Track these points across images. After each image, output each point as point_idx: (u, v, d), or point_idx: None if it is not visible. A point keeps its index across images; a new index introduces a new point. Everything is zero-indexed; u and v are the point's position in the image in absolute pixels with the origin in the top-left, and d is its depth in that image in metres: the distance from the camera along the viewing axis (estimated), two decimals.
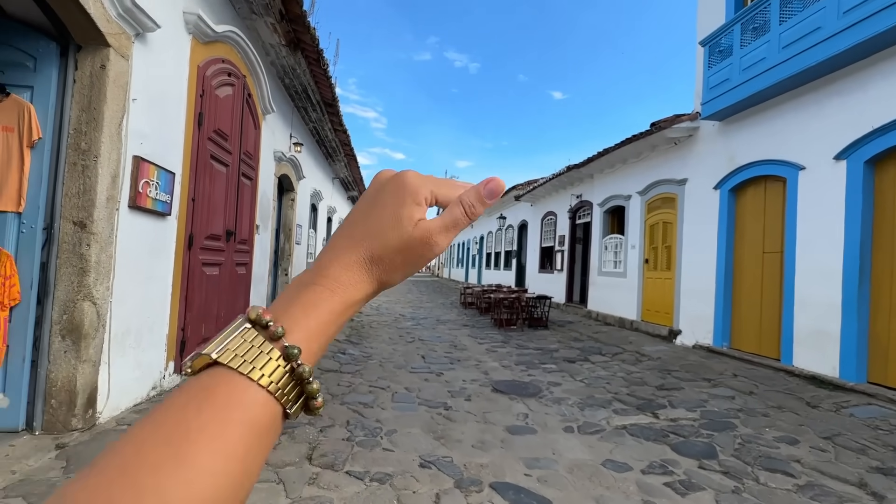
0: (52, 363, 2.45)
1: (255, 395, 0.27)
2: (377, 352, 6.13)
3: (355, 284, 0.33)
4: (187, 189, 3.59)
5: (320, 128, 8.46)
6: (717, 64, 6.11)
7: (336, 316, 0.32)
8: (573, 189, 11.65)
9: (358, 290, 0.33)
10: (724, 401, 4.36)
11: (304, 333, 0.30)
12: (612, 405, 4.19)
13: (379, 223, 0.35)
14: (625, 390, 4.72)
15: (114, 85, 2.60)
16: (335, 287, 0.32)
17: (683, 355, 6.36)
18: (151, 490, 0.22)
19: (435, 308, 12.83)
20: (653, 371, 5.53)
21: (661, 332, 7.54)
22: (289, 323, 0.30)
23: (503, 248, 18.96)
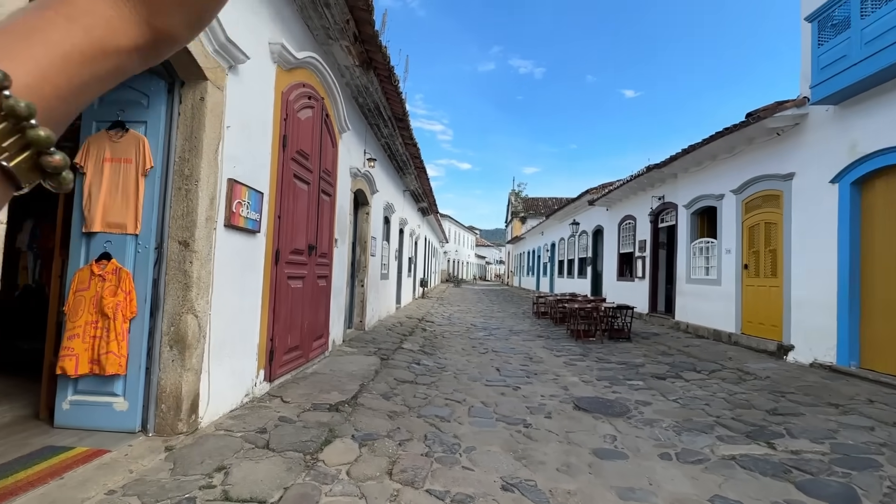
0: (162, 371, 2.68)
1: None
2: (451, 363, 6.08)
3: (110, 20, 0.25)
4: (274, 207, 3.82)
5: (391, 142, 8.72)
6: (829, 40, 5.32)
7: (84, 58, 0.24)
8: (654, 191, 10.84)
9: (117, 31, 0.26)
10: (860, 432, 3.68)
11: (24, 65, 0.23)
12: (715, 430, 3.72)
13: None
14: (728, 413, 4.18)
15: (211, 114, 2.83)
16: (75, 16, 0.25)
17: (799, 375, 5.53)
18: None
19: (507, 318, 12.58)
20: (761, 392, 4.86)
21: (767, 347, 6.65)
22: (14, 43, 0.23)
23: (577, 256, 18.18)
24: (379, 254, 9.19)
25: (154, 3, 0.27)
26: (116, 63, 0.27)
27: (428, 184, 13.35)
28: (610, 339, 8.50)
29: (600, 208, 14.70)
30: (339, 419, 3.44)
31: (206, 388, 2.89)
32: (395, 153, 9.45)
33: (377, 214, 8.75)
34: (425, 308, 14.01)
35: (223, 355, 3.10)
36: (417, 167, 11.02)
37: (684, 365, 6.25)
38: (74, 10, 0.25)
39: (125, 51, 0.27)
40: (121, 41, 0.26)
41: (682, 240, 9.45)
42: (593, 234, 16.04)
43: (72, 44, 0.24)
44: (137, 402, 2.66)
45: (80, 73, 0.25)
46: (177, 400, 2.66)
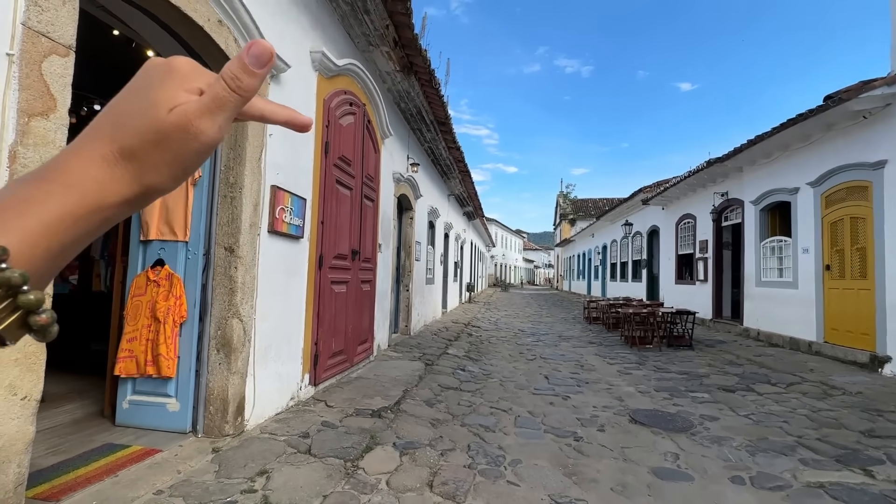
0: (210, 374, 2.75)
1: None
2: (497, 370, 5.90)
3: (102, 183, 0.28)
4: (316, 213, 3.88)
5: (434, 147, 8.72)
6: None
7: (76, 219, 0.27)
8: (716, 187, 10.05)
9: (108, 191, 0.28)
10: None
11: (18, 234, 0.25)
12: (797, 452, 3.29)
13: (129, 109, 0.29)
14: (813, 433, 3.70)
15: (254, 123, 2.89)
16: (71, 183, 0.27)
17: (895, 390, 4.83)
18: None
19: (556, 323, 12.16)
20: (852, 410, 4.28)
21: (857, 359, 5.89)
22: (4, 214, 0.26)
23: (630, 258, 17.29)
24: (424, 258, 9.20)
25: (145, 165, 0.29)
26: (106, 216, 0.28)
27: (472, 188, 13.25)
28: (669, 346, 7.93)
29: (655, 207, 13.89)
30: (381, 425, 3.39)
31: (252, 391, 2.94)
32: (439, 157, 9.43)
33: (421, 219, 8.76)
34: (472, 313, 13.87)
35: (268, 359, 3.15)
36: (461, 171, 10.95)
37: (756, 376, 5.67)
38: (69, 177, 0.27)
39: (115, 206, 0.28)
40: (112, 199, 0.28)
41: (750, 239, 8.65)
42: (648, 234, 15.18)
43: (65, 210, 0.26)
44: (188, 403, 2.74)
45: (71, 232, 0.27)
46: (223, 402, 2.72)
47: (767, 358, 6.69)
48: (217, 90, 0.29)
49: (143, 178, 0.29)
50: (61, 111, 1.66)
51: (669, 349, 7.76)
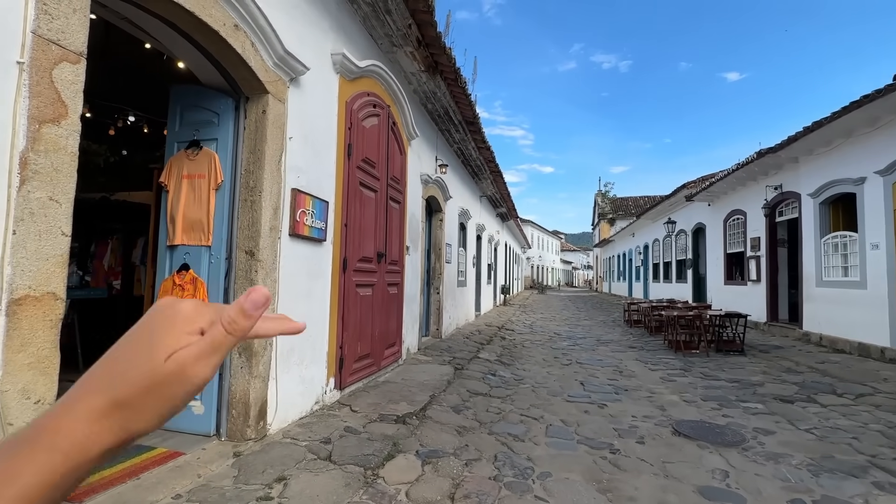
0: (233, 377, 2.76)
1: None
2: (530, 375, 5.69)
3: (89, 437, 0.28)
4: (340, 215, 3.85)
5: (464, 147, 8.61)
6: None
7: (61, 477, 0.27)
8: (768, 179, 9.33)
9: (93, 444, 0.28)
10: None
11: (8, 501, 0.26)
12: (870, 474, 2.91)
13: (126, 358, 0.30)
14: (889, 452, 3.27)
15: (272, 127, 2.90)
16: (57, 445, 0.27)
17: None
18: None
19: (594, 326, 11.70)
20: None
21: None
22: None
23: (674, 258, 16.43)
24: (455, 261, 9.09)
25: (135, 412, 0.29)
26: (84, 472, 0.29)
27: (505, 188, 13.03)
28: (717, 351, 7.40)
29: (700, 204, 13.11)
30: (405, 432, 3.30)
31: (274, 395, 2.93)
32: (469, 158, 9.32)
33: (451, 221, 8.66)
34: (506, 316, 13.62)
35: (291, 363, 3.13)
36: (493, 171, 10.77)
37: (818, 386, 5.15)
38: (56, 438, 0.27)
39: (96, 458, 0.29)
40: (95, 452, 0.28)
41: (809, 235, 7.94)
42: (693, 233, 14.36)
43: (44, 479, 0.27)
44: (212, 406, 2.76)
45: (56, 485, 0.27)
46: (245, 406, 2.71)
47: (832, 365, 6.08)
48: (215, 334, 0.30)
49: (131, 425, 0.29)
50: (73, 117, 1.68)
51: (718, 355, 7.24)
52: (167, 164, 2.96)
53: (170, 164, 2.95)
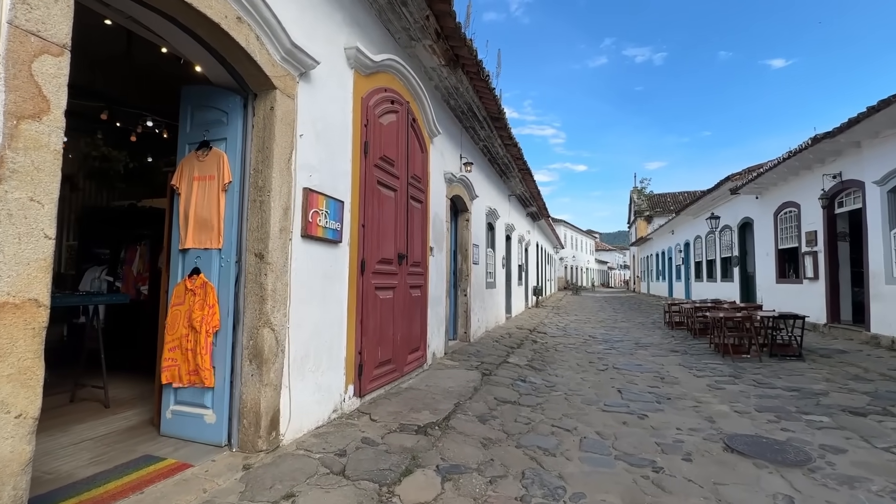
0: (244, 386, 2.64)
1: None
2: (562, 381, 5.37)
3: None
4: (357, 216, 3.71)
5: (490, 145, 8.36)
6: None
7: None
8: (825, 168, 8.53)
9: None
10: None
11: None
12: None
13: None
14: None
15: (281, 123, 2.78)
16: None
17: None
18: None
19: (632, 329, 11.12)
20: None
21: None
22: None
23: (718, 255, 15.48)
24: (483, 262, 8.84)
25: None
26: None
27: (535, 187, 12.65)
28: (771, 356, 6.78)
29: (747, 197, 12.24)
30: (426, 444, 3.09)
31: (288, 403, 2.80)
32: (496, 156, 9.05)
33: (478, 221, 8.42)
34: (538, 318, 13.20)
35: (306, 370, 3.00)
36: (521, 169, 10.45)
37: (889, 394, 4.56)
38: None
39: None
40: None
41: (876, 227, 7.17)
42: (739, 228, 13.45)
43: None
44: (223, 416, 2.66)
45: None
46: (256, 416, 2.59)
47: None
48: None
49: None
50: (55, 113, 1.58)
51: (772, 360, 6.63)
52: (178, 167, 2.89)
53: (181, 166, 2.88)
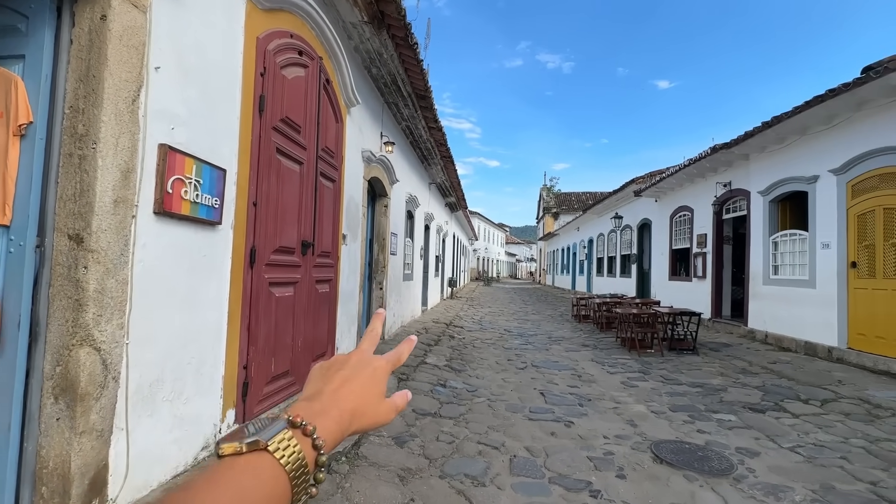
0: (44, 435, 1.74)
1: (279, 476, 0.35)
2: (484, 384, 5.01)
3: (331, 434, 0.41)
4: (247, 191, 2.86)
5: (413, 126, 7.71)
6: None
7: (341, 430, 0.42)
8: (718, 176, 9.34)
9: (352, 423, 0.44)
10: None
11: (322, 432, 0.39)
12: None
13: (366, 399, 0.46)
14: (883, 475, 2.92)
15: (120, 44, 1.87)
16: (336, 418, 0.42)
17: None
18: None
19: (543, 322, 11.37)
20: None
21: (891, 368, 5.21)
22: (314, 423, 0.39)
23: (618, 252, 16.65)
24: (401, 252, 8.22)
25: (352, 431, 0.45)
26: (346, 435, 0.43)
27: (456, 176, 12.29)
28: (670, 350, 7.19)
29: (647, 200, 13.20)
30: (328, 487, 2.44)
31: (124, 453, 1.94)
32: (419, 139, 8.43)
33: (398, 208, 7.76)
34: (454, 310, 12.97)
35: (158, 400, 2.15)
36: (444, 156, 9.96)
37: (781, 390, 4.92)
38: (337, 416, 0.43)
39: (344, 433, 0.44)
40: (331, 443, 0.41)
41: (758, 233, 7.96)
42: (638, 228, 14.52)
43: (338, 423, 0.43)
44: (5, 482, 1.73)
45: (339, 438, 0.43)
46: (64, 480, 1.72)
47: (785, 366, 5.98)
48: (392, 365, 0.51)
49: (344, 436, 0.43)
50: None
51: (671, 353, 7.02)
52: None
53: None
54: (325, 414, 0.41)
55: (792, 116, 6.27)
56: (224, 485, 0.32)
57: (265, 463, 0.34)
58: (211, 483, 0.32)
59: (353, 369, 0.47)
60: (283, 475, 0.35)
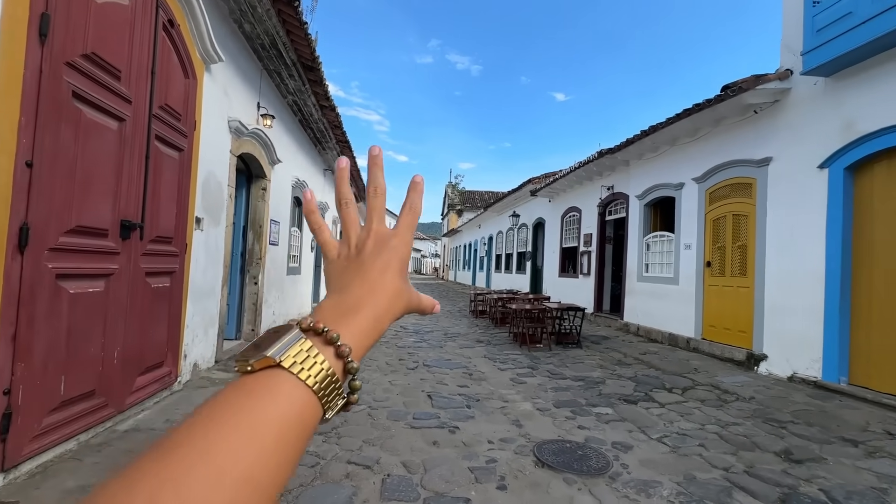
0: None
1: (302, 395, 0.30)
2: (367, 388, 4.55)
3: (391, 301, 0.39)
4: (14, 144, 2.03)
5: (302, 103, 6.90)
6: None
7: (376, 322, 0.37)
8: (603, 180, 10.02)
9: (393, 307, 0.39)
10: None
11: (351, 336, 0.34)
12: (735, 499, 2.60)
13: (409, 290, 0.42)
14: (735, 461, 3.12)
15: None
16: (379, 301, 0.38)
17: (782, 393, 4.72)
18: (170, 483, 0.22)
19: (441, 317, 11.24)
20: (755, 422, 3.91)
21: (733, 356, 5.90)
22: (339, 328, 0.34)
23: (515, 250, 17.33)
24: (286, 242, 7.36)
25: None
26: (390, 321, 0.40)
27: (355, 165, 11.57)
28: (557, 343, 7.45)
29: (542, 200, 13.84)
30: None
31: None
32: (309, 118, 7.62)
33: (282, 192, 6.91)
34: None
35: None
36: (340, 140, 9.23)
37: (650, 380, 5.26)
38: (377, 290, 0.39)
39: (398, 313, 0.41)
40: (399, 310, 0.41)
41: (634, 234, 8.66)
42: (534, 227, 15.21)
43: (370, 318, 0.37)
44: None
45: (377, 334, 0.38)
46: None
47: (653, 356, 6.49)
48: None
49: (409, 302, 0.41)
50: None
51: (559, 347, 7.27)
52: None
53: None
54: (356, 311, 0.37)
55: (665, 127, 6.84)
56: (232, 413, 0.27)
57: (283, 381, 0.30)
58: (214, 414, 0.27)
59: (394, 252, 0.41)
60: (307, 393, 0.30)
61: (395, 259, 0.41)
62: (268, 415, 0.28)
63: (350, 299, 0.37)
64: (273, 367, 0.30)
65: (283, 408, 0.28)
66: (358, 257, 0.41)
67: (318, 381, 0.31)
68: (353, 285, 0.38)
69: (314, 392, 0.30)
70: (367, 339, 0.36)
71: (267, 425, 0.27)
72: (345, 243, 0.43)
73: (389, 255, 0.40)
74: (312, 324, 0.33)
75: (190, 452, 0.24)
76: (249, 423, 0.27)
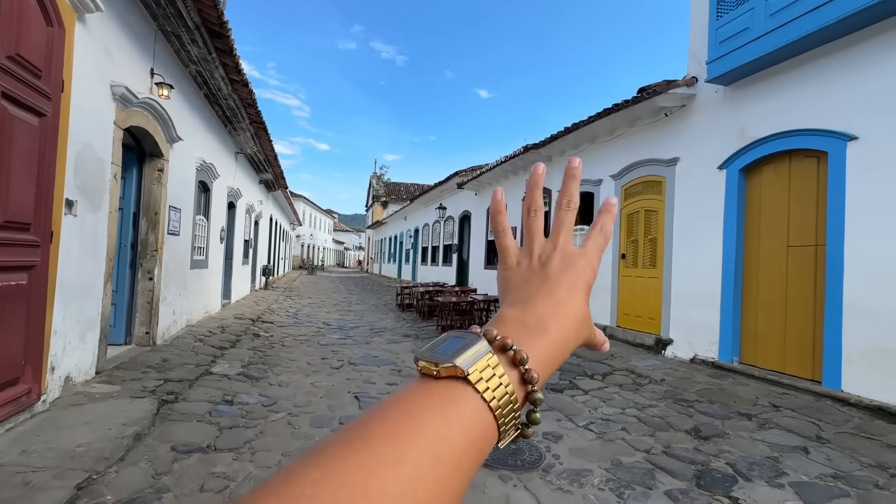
0: None
1: (484, 417, 0.27)
2: (288, 392, 4.15)
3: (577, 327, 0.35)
4: None
5: (209, 75, 6.10)
6: (730, 11, 4.92)
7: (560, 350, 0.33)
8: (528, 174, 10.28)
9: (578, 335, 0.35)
10: (798, 457, 3.08)
11: (537, 361, 0.31)
12: (658, 481, 2.72)
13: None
14: (653, 443, 3.29)
15: None
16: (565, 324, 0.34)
17: (687, 374, 5.16)
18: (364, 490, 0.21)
19: (367, 312, 10.86)
20: (667, 402, 4.20)
21: (644, 342, 6.37)
22: (526, 348, 0.31)
23: (441, 242, 17.36)
24: (189, 232, 6.51)
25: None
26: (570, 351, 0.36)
27: (271, 149, 10.65)
28: None
29: (469, 193, 13.95)
30: None
31: None
32: (217, 93, 6.78)
33: (183, 175, 6.08)
34: (266, 303, 11.37)
35: None
36: (254, 121, 8.39)
37: (573, 368, 5.47)
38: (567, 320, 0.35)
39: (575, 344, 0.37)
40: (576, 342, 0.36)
41: None
42: (460, 219, 15.31)
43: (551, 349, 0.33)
44: None
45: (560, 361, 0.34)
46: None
47: None
48: None
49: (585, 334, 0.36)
50: None
51: None
52: None
53: None
54: (543, 331, 0.33)
55: (586, 125, 7.15)
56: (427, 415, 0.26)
57: (468, 399, 0.27)
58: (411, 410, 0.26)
59: (580, 273, 0.38)
60: (488, 416, 0.28)
61: (582, 281, 0.37)
62: (453, 438, 0.25)
63: (534, 317, 0.34)
64: (458, 378, 0.28)
65: (467, 429, 0.26)
66: (542, 270, 0.38)
67: (501, 404, 0.28)
68: (537, 301, 0.35)
69: (495, 417, 0.28)
70: (551, 367, 0.33)
71: (451, 451, 0.25)
72: (526, 253, 0.41)
73: (576, 276, 0.37)
74: (500, 337, 0.31)
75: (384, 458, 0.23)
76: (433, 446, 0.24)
